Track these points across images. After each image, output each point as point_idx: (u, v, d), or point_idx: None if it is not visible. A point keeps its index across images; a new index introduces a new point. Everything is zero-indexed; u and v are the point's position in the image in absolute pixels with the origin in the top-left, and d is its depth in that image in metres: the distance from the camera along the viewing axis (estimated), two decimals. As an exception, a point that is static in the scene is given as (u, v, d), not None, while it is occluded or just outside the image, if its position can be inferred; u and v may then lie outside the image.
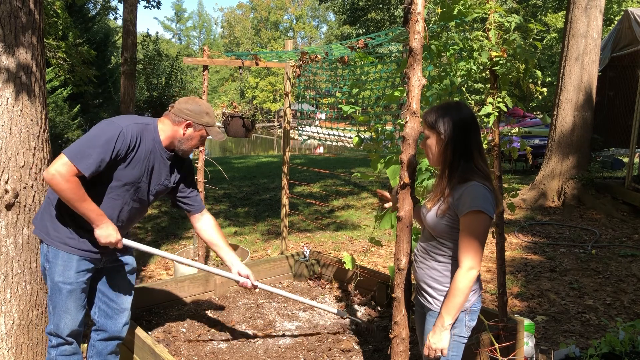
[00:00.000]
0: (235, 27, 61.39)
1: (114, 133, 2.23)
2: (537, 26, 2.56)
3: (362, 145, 3.27)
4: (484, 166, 1.95)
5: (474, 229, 1.84)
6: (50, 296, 2.36)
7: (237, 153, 25.61)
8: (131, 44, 7.23)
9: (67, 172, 2.12)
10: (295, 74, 4.31)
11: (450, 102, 2.19)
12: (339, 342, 3.18)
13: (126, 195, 2.38)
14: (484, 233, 1.86)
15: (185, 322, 3.44)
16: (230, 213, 7.62)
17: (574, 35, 7.57)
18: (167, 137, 2.44)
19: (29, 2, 2.67)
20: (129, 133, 2.28)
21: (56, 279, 2.33)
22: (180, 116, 2.42)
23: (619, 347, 2.79)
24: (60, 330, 2.37)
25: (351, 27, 27.58)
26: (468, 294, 1.86)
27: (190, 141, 2.48)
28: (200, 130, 2.47)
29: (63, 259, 2.32)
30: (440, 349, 1.86)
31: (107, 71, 19.41)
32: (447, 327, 1.86)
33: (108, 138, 2.22)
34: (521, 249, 5.74)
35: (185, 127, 2.43)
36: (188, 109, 2.43)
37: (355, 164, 13.53)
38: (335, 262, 4.18)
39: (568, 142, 7.70)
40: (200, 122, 2.44)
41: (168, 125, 2.45)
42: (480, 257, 1.86)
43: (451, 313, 1.85)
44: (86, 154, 2.15)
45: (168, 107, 2.49)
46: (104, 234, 2.26)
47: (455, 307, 1.85)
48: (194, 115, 2.43)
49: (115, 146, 2.21)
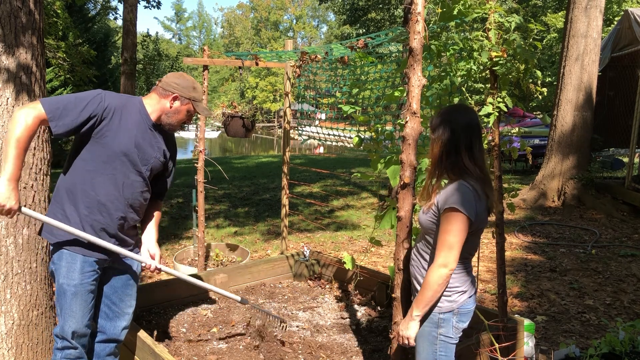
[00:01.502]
0: (235, 27, 61.41)
1: (92, 94, 2.29)
2: (537, 26, 2.56)
3: (362, 145, 3.27)
4: (474, 167, 1.96)
5: (448, 227, 1.88)
6: (57, 298, 2.34)
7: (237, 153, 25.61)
8: (131, 44, 7.23)
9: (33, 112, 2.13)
10: (295, 74, 4.31)
11: (453, 105, 2.21)
12: (339, 342, 3.18)
13: (123, 168, 2.35)
14: (458, 232, 1.88)
15: (185, 322, 3.44)
16: (230, 213, 7.62)
17: (574, 35, 7.57)
18: (154, 110, 2.45)
19: (29, 2, 2.67)
20: (107, 98, 2.31)
21: (61, 280, 2.31)
22: (168, 89, 2.44)
23: (619, 347, 2.79)
24: (65, 333, 2.33)
25: (351, 27, 27.58)
26: (438, 290, 1.90)
27: (178, 115, 2.48)
28: (187, 104, 2.48)
29: (67, 259, 2.31)
30: (407, 337, 1.95)
31: (107, 71, 19.44)
32: (414, 318, 1.94)
33: (84, 96, 2.27)
34: (521, 249, 5.74)
35: (172, 100, 2.45)
36: (175, 82, 2.45)
37: (355, 164, 13.53)
38: (335, 262, 4.18)
39: (568, 142, 7.70)
40: (187, 95, 2.46)
41: (155, 98, 2.46)
42: (454, 255, 1.88)
43: (419, 306, 1.92)
44: (59, 104, 2.19)
45: (156, 82, 2.50)
46: (6, 194, 2.06)
47: (424, 300, 1.91)
48: (181, 88, 2.45)
49: (89, 104, 2.24)
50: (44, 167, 2.79)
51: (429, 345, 2.01)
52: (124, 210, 2.39)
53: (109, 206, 2.34)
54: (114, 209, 2.36)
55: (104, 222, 2.34)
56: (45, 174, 2.81)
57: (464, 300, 2.00)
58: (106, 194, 2.32)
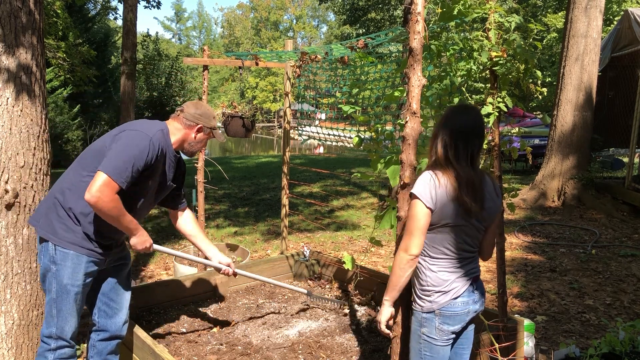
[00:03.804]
0: (235, 27, 61.40)
1: (145, 144, 2.32)
2: (537, 26, 2.56)
3: (362, 145, 3.27)
4: (454, 164, 1.92)
5: (409, 212, 1.94)
6: (56, 299, 2.32)
7: (237, 153, 25.61)
8: (131, 44, 7.22)
9: (110, 191, 2.19)
10: (295, 74, 4.31)
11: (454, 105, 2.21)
12: (339, 342, 3.18)
13: (147, 200, 2.51)
14: (414, 217, 1.90)
15: (185, 322, 3.44)
16: (230, 213, 7.62)
17: (574, 35, 7.57)
18: (177, 140, 2.57)
19: (29, 2, 2.67)
20: (157, 142, 2.38)
21: (65, 281, 2.31)
22: (192, 120, 2.57)
23: (619, 347, 2.79)
24: (65, 333, 2.36)
25: (351, 27, 27.59)
26: (400, 275, 1.95)
27: (199, 144, 2.65)
28: (209, 133, 2.65)
29: (73, 260, 2.31)
30: (378, 321, 2.06)
31: (107, 71, 19.43)
32: (384, 303, 2.03)
33: (141, 149, 2.30)
34: (521, 249, 5.74)
35: (197, 132, 2.59)
36: (198, 113, 2.58)
37: (355, 164, 13.53)
38: (335, 262, 4.18)
39: (568, 142, 7.70)
40: (209, 125, 2.62)
41: (178, 127, 2.57)
42: (414, 242, 1.89)
43: (387, 290, 2.01)
44: (123, 168, 2.22)
45: (176, 111, 2.61)
46: (141, 241, 2.43)
47: (390, 284, 1.99)
48: (204, 119, 2.59)
49: (148, 155, 2.32)
50: (43, 167, 2.79)
51: (415, 343, 2.04)
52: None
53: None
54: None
55: (104, 228, 2.38)
56: (45, 174, 2.82)
57: (445, 301, 1.95)
58: None
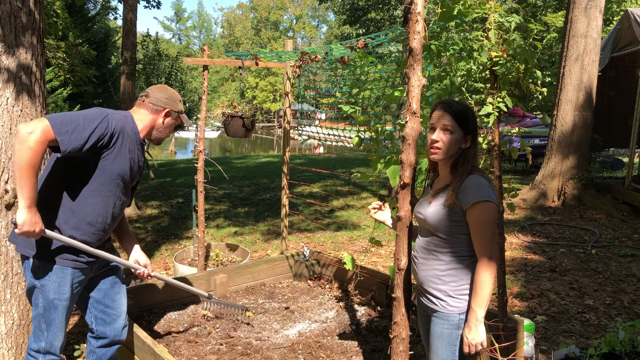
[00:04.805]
0: (235, 27, 61.41)
1: (98, 115, 2.19)
2: (537, 26, 2.56)
3: (362, 145, 3.27)
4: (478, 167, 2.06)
5: (484, 219, 1.88)
6: (43, 314, 2.23)
7: (237, 153, 25.60)
8: (131, 44, 7.23)
9: (43, 135, 1.99)
10: (295, 74, 4.31)
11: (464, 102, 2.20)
12: (339, 342, 3.18)
13: (117, 191, 2.33)
14: (493, 222, 1.90)
15: (185, 322, 3.44)
16: (230, 213, 7.62)
17: (574, 35, 7.57)
18: (144, 127, 2.42)
19: (29, 2, 2.67)
20: (113, 120, 2.23)
21: (51, 296, 2.22)
22: (159, 105, 2.42)
23: (619, 347, 2.79)
24: (54, 348, 2.27)
25: (351, 27, 27.57)
26: (494, 283, 1.90)
27: (167, 129, 2.49)
28: (176, 117, 2.50)
29: (57, 274, 2.22)
30: (480, 342, 1.88)
31: (107, 71, 19.42)
32: (481, 321, 1.88)
33: (92, 118, 2.16)
34: (521, 249, 5.74)
35: (165, 116, 2.45)
36: (165, 97, 2.44)
37: (355, 164, 13.53)
38: (335, 262, 4.18)
39: (568, 142, 7.70)
40: (177, 109, 2.48)
41: (144, 114, 2.42)
42: (495, 245, 1.91)
43: (482, 305, 1.88)
44: (67, 122, 2.07)
45: (140, 96, 2.46)
46: (32, 221, 2.04)
47: (485, 299, 1.88)
48: (172, 103, 2.45)
49: (98, 126, 2.15)
50: (43, 168, 2.78)
51: (449, 346, 1.98)
52: (110, 225, 2.37)
53: (97, 226, 2.30)
54: (101, 227, 2.32)
55: (89, 240, 2.28)
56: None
57: None
58: (96, 215, 2.28)
